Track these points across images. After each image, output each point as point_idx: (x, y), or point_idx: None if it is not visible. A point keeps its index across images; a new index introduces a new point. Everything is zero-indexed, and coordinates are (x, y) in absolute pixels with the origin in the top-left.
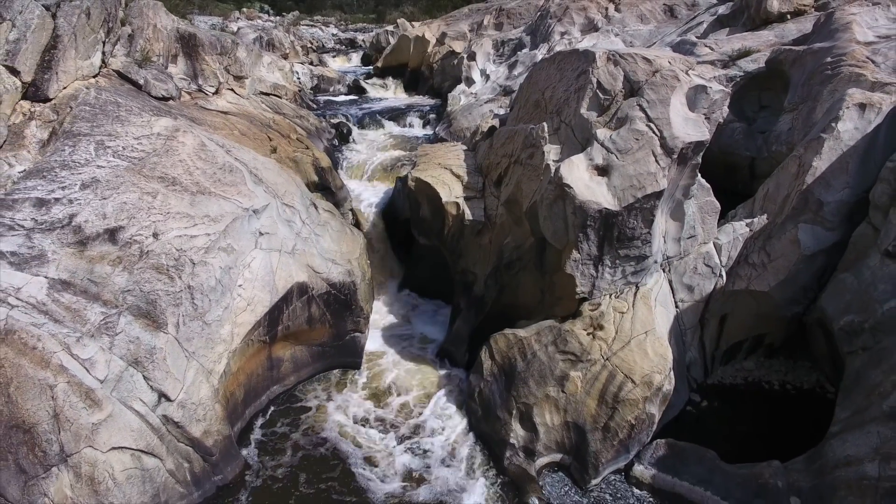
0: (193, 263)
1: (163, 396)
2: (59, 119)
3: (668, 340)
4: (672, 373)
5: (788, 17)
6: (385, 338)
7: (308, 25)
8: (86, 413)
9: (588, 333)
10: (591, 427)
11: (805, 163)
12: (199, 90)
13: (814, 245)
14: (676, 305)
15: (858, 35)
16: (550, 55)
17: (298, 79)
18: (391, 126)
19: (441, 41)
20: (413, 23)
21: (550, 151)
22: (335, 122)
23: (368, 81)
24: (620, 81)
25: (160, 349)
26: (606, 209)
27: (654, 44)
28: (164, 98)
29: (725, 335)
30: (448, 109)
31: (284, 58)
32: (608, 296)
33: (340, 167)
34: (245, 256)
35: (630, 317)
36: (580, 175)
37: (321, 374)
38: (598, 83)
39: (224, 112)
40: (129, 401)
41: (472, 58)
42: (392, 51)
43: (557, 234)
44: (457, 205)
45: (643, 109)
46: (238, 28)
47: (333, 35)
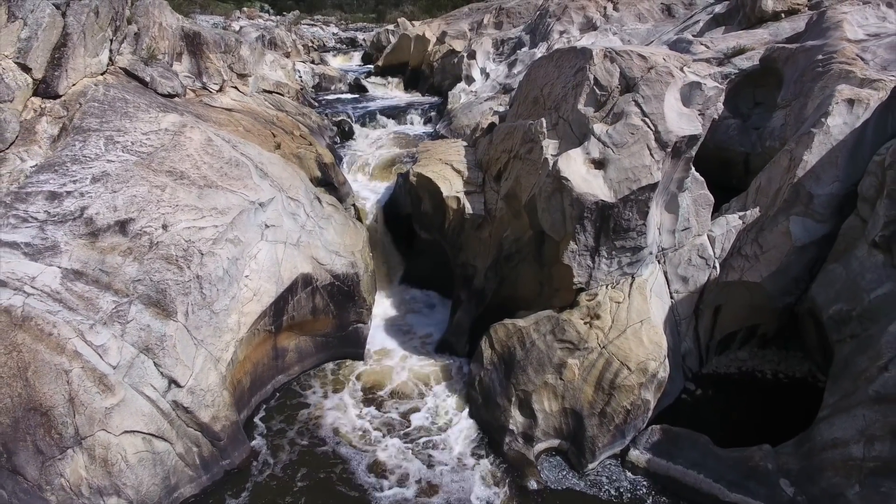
0: (202, 254)
1: (173, 382)
2: (69, 115)
3: (664, 330)
4: (667, 360)
5: (783, 16)
6: (387, 329)
7: (309, 25)
8: (99, 397)
9: (585, 322)
10: (588, 413)
11: (796, 157)
12: (204, 88)
13: (805, 237)
14: (671, 296)
15: (849, 33)
16: (549, 53)
17: (300, 77)
18: (392, 124)
19: (441, 40)
20: (413, 22)
21: (549, 146)
22: (337, 120)
23: (369, 80)
24: (617, 78)
25: (170, 337)
26: (603, 201)
27: (652, 42)
28: (170, 95)
29: (719, 326)
30: (448, 107)
31: (286, 56)
32: (605, 286)
33: (342, 164)
34: (251, 248)
35: (626, 306)
36: (577, 168)
37: (325, 365)
38: (595, 80)
39: (228, 109)
40: (141, 386)
41: (472, 56)
42: (393, 50)
43: (555, 226)
44: (457, 199)
45: (638, 105)
46: (240, 27)
47: (334, 34)
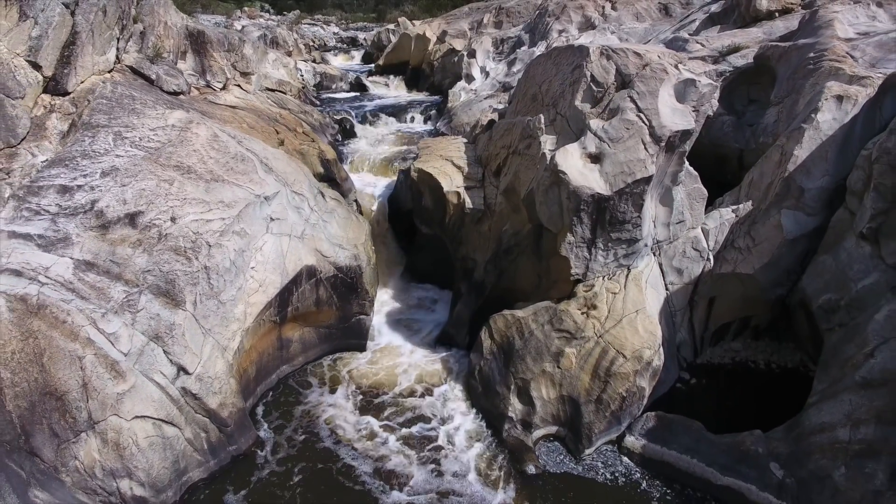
0: (209, 245)
1: (181, 370)
2: (78, 111)
3: (659, 320)
4: (661, 349)
5: (777, 15)
6: (389, 322)
7: (309, 24)
8: (111, 383)
9: (582, 313)
10: (585, 400)
11: (787, 152)
12: (208, 86)
13: (796, 230)
14: (666, 288)
15: (840, 32)
16: (547, 51)
17: (302, 76)
18: (393, 122)
19: (441, 39)
20: (414, 21)
21: (547, 141)
22: (338, 118)
23: (370, 79)
24: (613, 75)
25: (179, 325)
26: (599, 194)
27: (650, 41)
28: (175, 93)
29: (714, 317)
30: (448, 105)
31: (288, 55)
32: (601, 278)
33: (344, 161)
34: (257, 240)
35: (622, 297)
36: (574, 162)
37: (328, 356)
38: (592, 76)
39: (232, 106)
40: (151, 373)
41: (472, 55)
42: (393, 49)
43: (553, 219)
44: (458, 194)
45: (634, 101)
46: (242, 26)
47: (335, 34)
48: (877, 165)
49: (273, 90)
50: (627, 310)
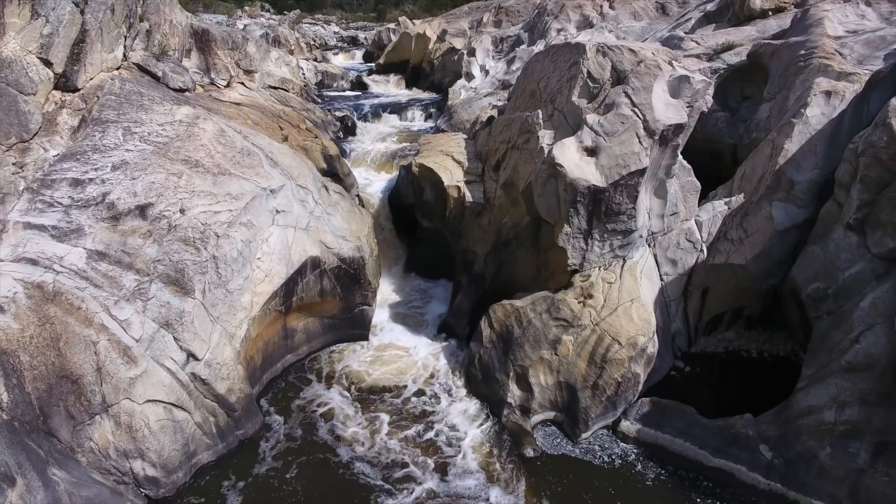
0: (217, 236)
1: (191, 356)
2: (88, 107)
3: (654, 310)
4: (656, 336)
5: (770, 14)
6: (391, 314)
7: (310, 23)
8: (124, 368)
9: (579, 302)
10: (582, 385)
11: (778, 145)
12: (212, 83)
13: (786, 221)
14: (661, 278)
15: (829, 30)
16: (545, 48)
17: (304, 74)
18: (394, 119)
19: (442, 38)
20: (414, 21)
21: (545, 136)
22: (340, 116)
23: (371, 77)
24: (608, 71)
25: (188, 313)
26: (594, 185)
27: (647, 39)
28: (181, 89)
29: (707, 307)
30: (449, 103)
31: (290, 54)
32: (597, 268)
33: (346, 157)
34: (263, 232)
35: (617, 286)
36: (571, 156)
37: (332, 345)
38: (588, 73)
39: (236, 103)
40: (161, 359)
41: (472, 54)
42: (394, 48)
43: (550, 210)
44: (458, 188)
45: (628, 96)
46: (244, 25)
47: (335, 33)
48: (862, 158)
49: (276, 88)
50: (623, 299)
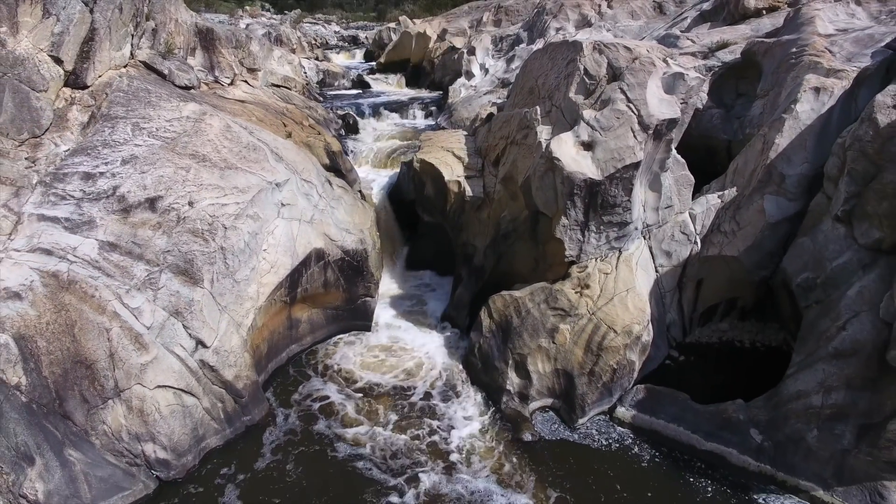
0: (225, 228)
1: (200, 343)
2: (97, 104)
3: (649, 300)
4: (650, 325)
5: (764, 13)
6: (393, 306)
7: (311, 23)
8: (135, 354)
9: (576, 292)
10: (579, 373)
11: (769, 140)
12: (216, 81)
13: (777, 214)
14: (656, 270)
15: (820, 28)
16: (544, 46)
17: (306, 73)
18: (395, 117)
19: (442, 37)
20: (414, 20)
21: (543, 131)
22: (342, 114)
23: (372, 76)
24: (604, 68)
25: (197, 302)
26: (591, 179)
27: (644, 38)
28: (187, 87)
29: (701, 299)
30: (449, 101)
31: (292, 52)
32: (594, 259)
33: (348, 154)
34: (269, 224)
35: (613, 277)
36: (568, 150)
37: (335, 336)
38: (585, 70)
39: (241, 101)
40: (171, 346)
41: (472, 53)
42: (394, 47)
43: (548, 203)
44: (458, 183)
45: (624, 92)
46: (246, 24)
47: (336, 32)
48: (850, 152)
49: (279, 86)
50: (618, 289)
